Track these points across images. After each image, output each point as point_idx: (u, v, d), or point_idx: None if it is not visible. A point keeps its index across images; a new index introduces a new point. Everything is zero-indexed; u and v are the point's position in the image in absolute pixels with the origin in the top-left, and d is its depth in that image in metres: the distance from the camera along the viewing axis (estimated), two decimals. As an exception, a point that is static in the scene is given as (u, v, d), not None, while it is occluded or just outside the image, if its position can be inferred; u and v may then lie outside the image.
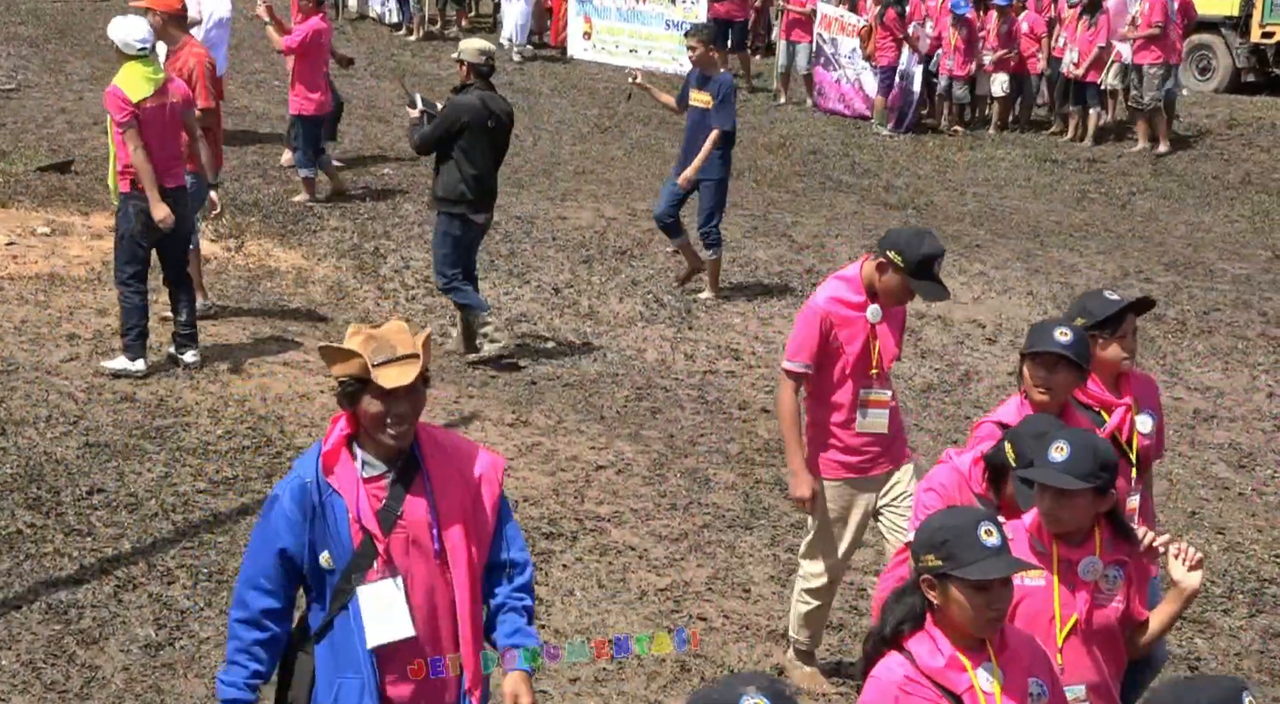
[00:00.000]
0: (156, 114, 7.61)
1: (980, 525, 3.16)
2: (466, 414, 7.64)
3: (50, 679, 5.01)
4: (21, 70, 16.69)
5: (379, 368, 3.30)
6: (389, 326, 3.42)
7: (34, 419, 7.10)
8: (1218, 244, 12.59)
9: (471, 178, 8.34)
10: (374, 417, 3.35)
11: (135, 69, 7.61)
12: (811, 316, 5.07)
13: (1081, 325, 4.47)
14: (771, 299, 10.26)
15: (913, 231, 5.18)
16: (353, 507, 3.39)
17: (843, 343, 5.07)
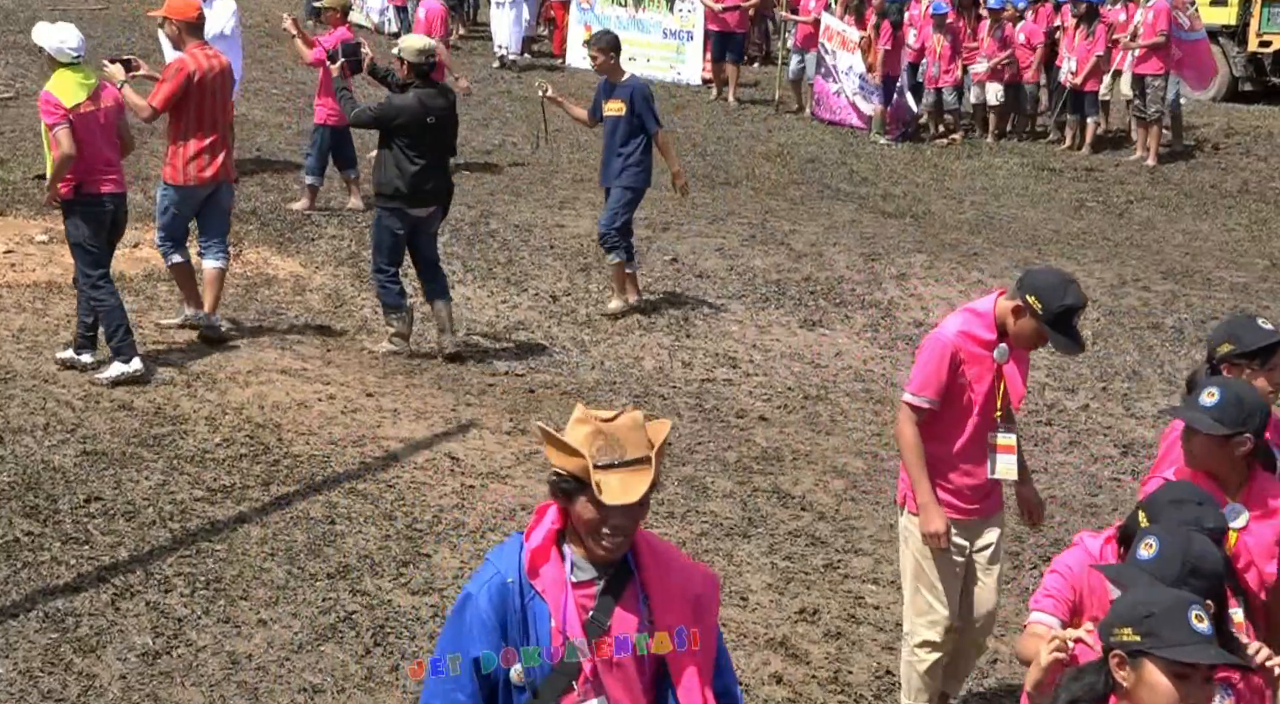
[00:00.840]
0: (90, 120, 7.64)
1: (1191, 608, 2.91)
2: (464, 422, 7.64)
3: (47, 687, 5.01)
4: (20, 78, 16.70)
5: (602, 472, 2.88)
6: (623, 421, 2.96)
7: (31, 427, 7.10)
8: (1215, 253, 12.61)
9: (411, 174, 8.43)
10: (588, 523, 2.95)
11: (67, 76, 7.64)
12: (941, 349, 4.79)
13: (1227, 352, 4.34)
14: (769, 307, 10.26)
15: (1057, 278, 4.72)
16: (557, 614, 2.98)
17: (970, 381, 4.80)
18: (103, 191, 7.71)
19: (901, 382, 9.08)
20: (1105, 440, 8.32)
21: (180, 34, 8.42)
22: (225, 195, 8.56)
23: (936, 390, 4.79)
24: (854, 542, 6.63)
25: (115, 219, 7.86)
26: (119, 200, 7.86)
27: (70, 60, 7.68)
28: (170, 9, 8.43)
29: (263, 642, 5.39)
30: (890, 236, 12.31)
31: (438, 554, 6.15)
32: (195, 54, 8.34)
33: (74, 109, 7.57)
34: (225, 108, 8.53)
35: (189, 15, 8.43)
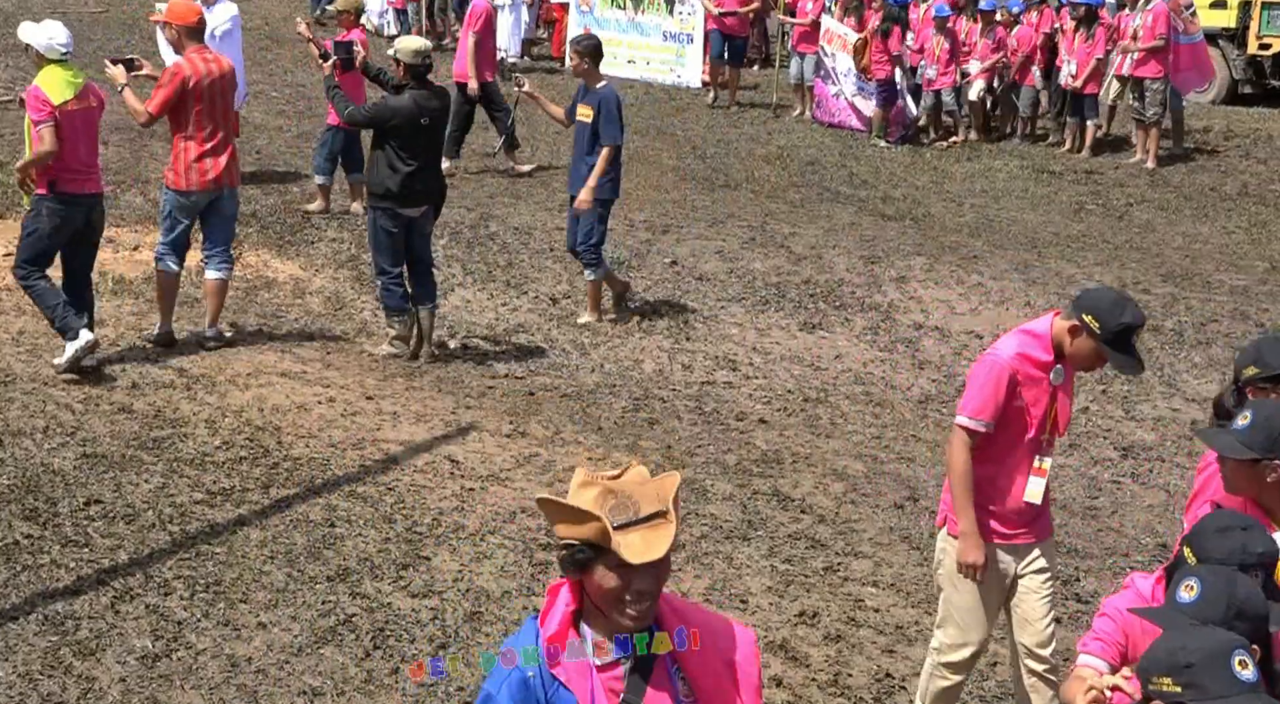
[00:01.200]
0: (76, 118, 7.64)
1: (1234, 655, 2.76)
2: (464, 425, 7.64)
3: (47, 691, 5.00)
4: (20, 82, 16.68)
5: (620, 532, 2.68)
6: (629, 476, 2.79)
7: (31, 430, 7.10)
8: (1215, 255, 12.61)
9: (405, 175, 8.46)
10: (609, 593, 2.73)
11: (56, 72, 7.63)
12: (999, 372, 4.69)
13: (1252, 375, 4.28)
14: (769, 310, 10.27)
15: (1114, 297, 4.64)
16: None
17: (1026, 404, 4.71)
18: (78, 191, 7.70)
19: (901, 384, 9.11)
20: (1105, 443, 8.32)
21: (180, 38, 8.39)
22: (229, 202, 8.53)
23: (993, 414, 4.70)
24: (854, 544, 6.62)
25: (89, 220, 7.84)
26: (94, 201, 7.85)
27: (59, 57, 7.68)
28: (171, 13, 8.42)
29: (262, 644, 5.38)
30: (890, 239, 12.31)
31: (437, 557, 6.15)
32: (193, 58, 8.31)
33: (61, 106, 7.56)
34: (227, 112, 8.51)
35: (189, 20, 8.40)
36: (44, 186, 7.66)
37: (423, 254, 8.79)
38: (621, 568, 2.70)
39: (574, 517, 2.72)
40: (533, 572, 6.08)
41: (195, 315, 8.91)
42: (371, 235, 8.72)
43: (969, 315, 10.41)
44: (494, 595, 5.86)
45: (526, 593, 5.89)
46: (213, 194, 8.35)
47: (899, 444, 8.05)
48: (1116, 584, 6.42)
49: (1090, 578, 6.50)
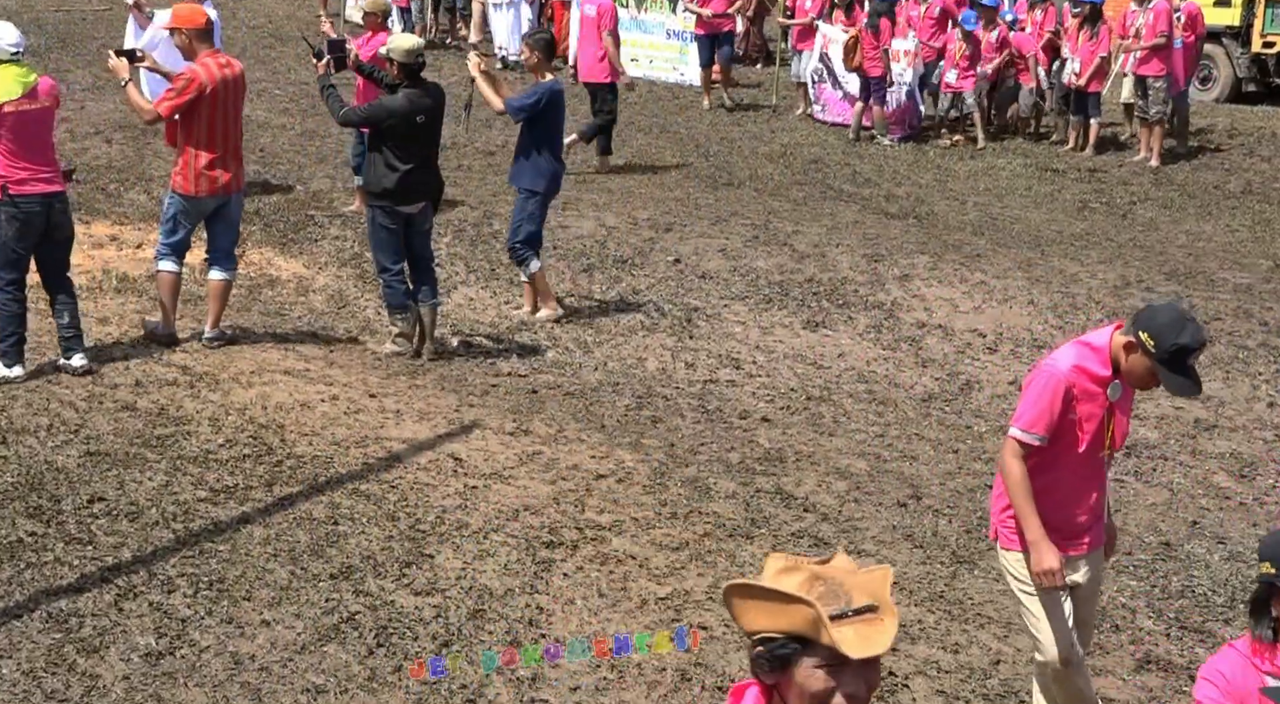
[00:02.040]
0: (26, 117, 7.54)
1: None
2: (468, 423, 7.64)
3: (51, 688, 5.01)
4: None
5: (835, 623, 2.36)
6: (836, 564, 2.48)
7: (35, 428, 7.11)
8: (1219, 253, 12.60)
9: (403, 173, 8.47)
10: (814, 696, 2.39)
11: (7, 71, 7.55)
12: (1055, 384, 4.58)
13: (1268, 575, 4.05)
14: (772, 308, 10.26)
15: (1173, 316, 4.49)
16: None
17: (1081, 418, 4.61)
18: (33, 192, 7.58)
19: (904, 382, 9.11)
20: (1108, 441, 8.31)
21: (190, 43, 8.29)
22: (235, 207, 8.51)
23: (1047, 426, 4.61)
24: (857, 543, 6.62)
25: (51, 219, 7.70)
26: (52, 200, 7.70)
27: (10, 57, 7.58)
28: (178, 18, 8.34)
29: (266, 642, 5.39)
30: (893, 237, 12.30)
31: (441, 555, 6.16)
32: (207, 63, 8.24)
33: (10, 103, 7.46)
34: (238, 117, 8.46)
35: (197, 23, 8.32)
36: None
37: (423, 251, 8.79)
38: (832, 666, 2.37)
39: (779, 603, 2.40)
40: (535, 570, 6.08)
41: (199, 313, 8.91)
42: (371, 234, 8.73)
43: (972, 313, 10.41)
44: (497, 593, 5.86)
45: (529, 591, 5.90)
46: (220, 199, 8.32)
47: (902, 442, 8.05)
48: (1119, 582, 6.43)
49: (1093, 576, 6.49)
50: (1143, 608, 6.23)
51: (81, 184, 12.14)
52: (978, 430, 8.36)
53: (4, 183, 7.51)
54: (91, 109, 15.27)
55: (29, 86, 7.58)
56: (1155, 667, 5.74)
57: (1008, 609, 6.10)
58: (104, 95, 16.03)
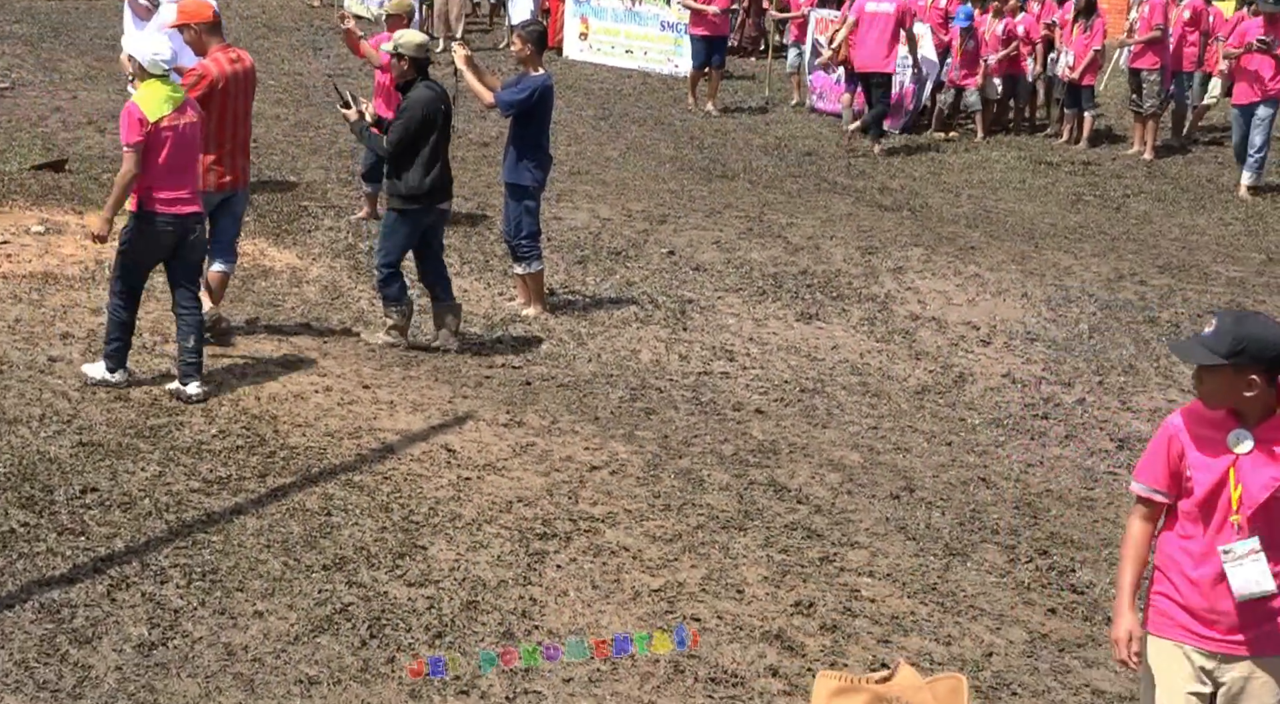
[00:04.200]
0: (171, 135, 7.31)
1: None
2: (461, 414, 7.64)
3: (43, 678, 5.01)
4: (16, 69, 16.67)
5: None
6: (900, 680, 2.27)
7: (27, 418, 7.09)
8: (1212, 247, 12.61)
9: (436, 172, 8.48)
10: None
11: (156, 88, 7.32)
12: (1162, 430, 4.10)
13: None
14: (766, 301, 10.26)
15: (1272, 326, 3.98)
16: None
17: (1192, 472, 4.01)
18: (169, 212, 7.33)
19: (898, 375, 9.12)
20: (1101, 434, 8.33)
21: (200, 37, 8.16)
22: (239, 201, 8.43)
23: (1155, 478, 4.10)
24: (850, 535, 6.63)
25: (184, 241, 7.42)
26: (189, 221, 7.43)
27: (161, 72, 7.32)
28: (185, 14, 8.20)
29: (259, 633, 5.39)
30: (887, 230, 12.31)
31: (434, 546, 6.16)
32: (219, 58, 8.12)
33: (156, 124, 7.23)
34: (248, 112, 8.37)
35: (206, 17, 8.18)
36: (135, 205, 7.31)
37: (440, 249, 8.80)
38: None
39: None
40: (529, 561, 6.08)
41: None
42: (389, 233, 8.58)
43: (966, 306, 10.42)
44: (490, 585, 5.86)
45: (523, 582, 5.90)
46: (226, 194, 8.24)
47: (895, 435, 8.06)
48: (1112, 574, 6.43)
49: (1086, 569, 6.51)
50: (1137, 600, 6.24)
51: (74, 174, 12.12)
52: (971, 423, 8.37)
53: (141, 197, 7.28)
54: (84, 98, 15.24)
55: (178, 103, 7.37)
56: (1147, 659, 5.75)
57: (1000, 601, 6.11)
58: (97, 85, 15.99)
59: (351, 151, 13.49)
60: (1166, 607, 4.13)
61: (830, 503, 6.97)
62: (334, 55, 18.39)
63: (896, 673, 2.28)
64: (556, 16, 21.17)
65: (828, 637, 5.71)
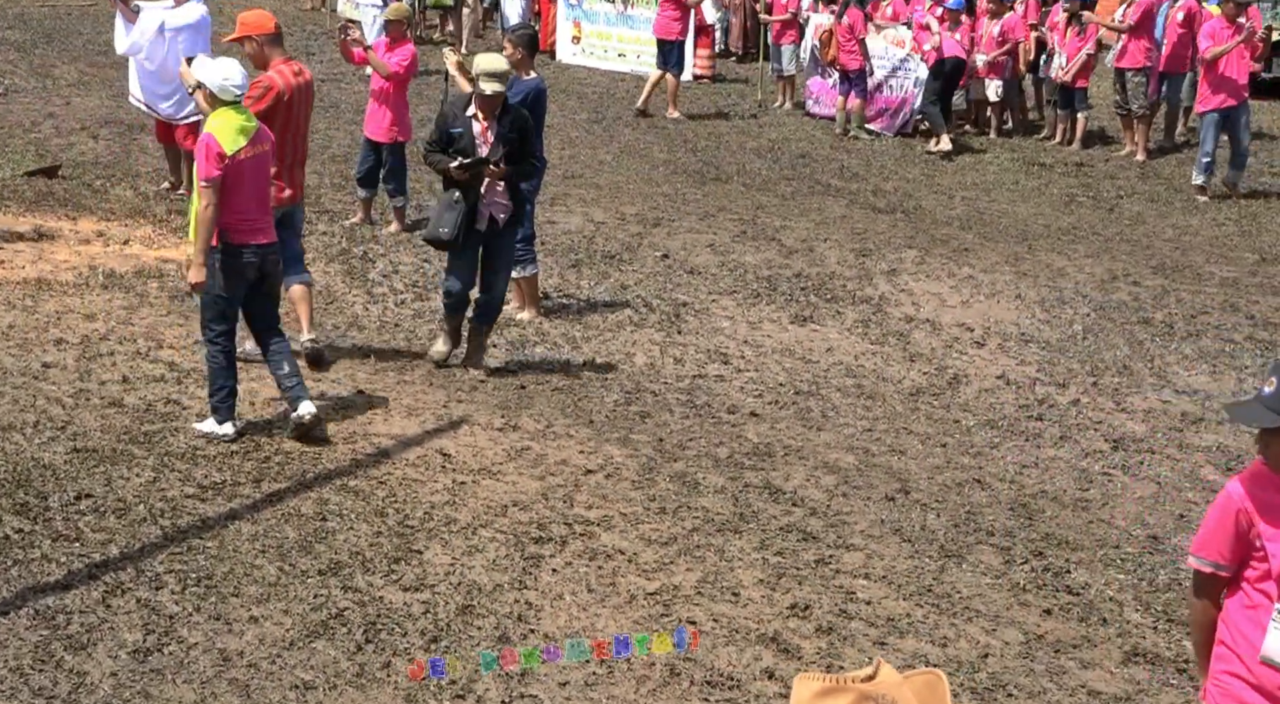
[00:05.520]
0: (247, 166, 7.02)
1: None
2: (456, 418, 7.63)
3: (38, 685, 5.00)
4: (8, 75, 16.65)
5: None
6: (883, 678, 2.20)
7: (21, 424, 7.08)
8: (1205, 247, 12.63)
9: None
10: None
11: (230, 117, 7.03)
12: (1223, 501, 3.79)
13: None
14: (760, 303, 10.27)
15: None
16: None
17: (1266, 543, 3.70)
18: (247, 243, 7.05)
19: (892, 376, 9.12)
20: (1096, 435, 8.33)
21: (261, 50, 7.93)
22: (298, 215, 8.30)
23: (1218, 551, 3.79)
24: (845, 537, 6.63)
25: (263, 270, 7.16)
26: (266, 252, 7.16)
27: (234, 98, 7.07)
28: (245, 26, 8.00)
29: (254, 639, 5.38)
30: (881, 232, 12.32)
31: (429, 551, 6.15)
32: (283, 71, 7.93)
33: (234, 157, 6.94)
34: (307, 125, 8.23)
35: (268, 28, 7.99)
36: (215, 238, 7.00)
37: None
38: None
39: None
40: (524, 565, 6.08)
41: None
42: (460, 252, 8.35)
43: (960, 308, 10.43)
44: (486, 589, 5.86)
45: (518, 586, 5.90)
46: (286, 209, 8.00)
47: (890, 437, 8.06)
48: (1108, 576, 6.45)
49: (1082, 570, 6.52)
50: (1130, 601, 6.25)
51: (67, 180, 12.11)
52: (965, 424, 8.37)
53: (221, 229, 6.97)
54: (77, 105, 15.23)
55: (251, 133, 7.07)
56: (1143, 659, 5.76)
57: (996, 603, 6.12)
58: (89, 91, 15.98)
59: (344, 156, 13.49)
60: (1236, 688, 3.78)
61: (825, 505, 6.97)
62: (326, 60, 18.38)
63: (879, 671, 2.21)
64: (549, 20, 21.18)
65: (823, 639, 5.71)
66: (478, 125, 8.17)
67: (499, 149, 8.16)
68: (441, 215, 8.21)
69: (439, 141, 8.22)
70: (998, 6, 16.84)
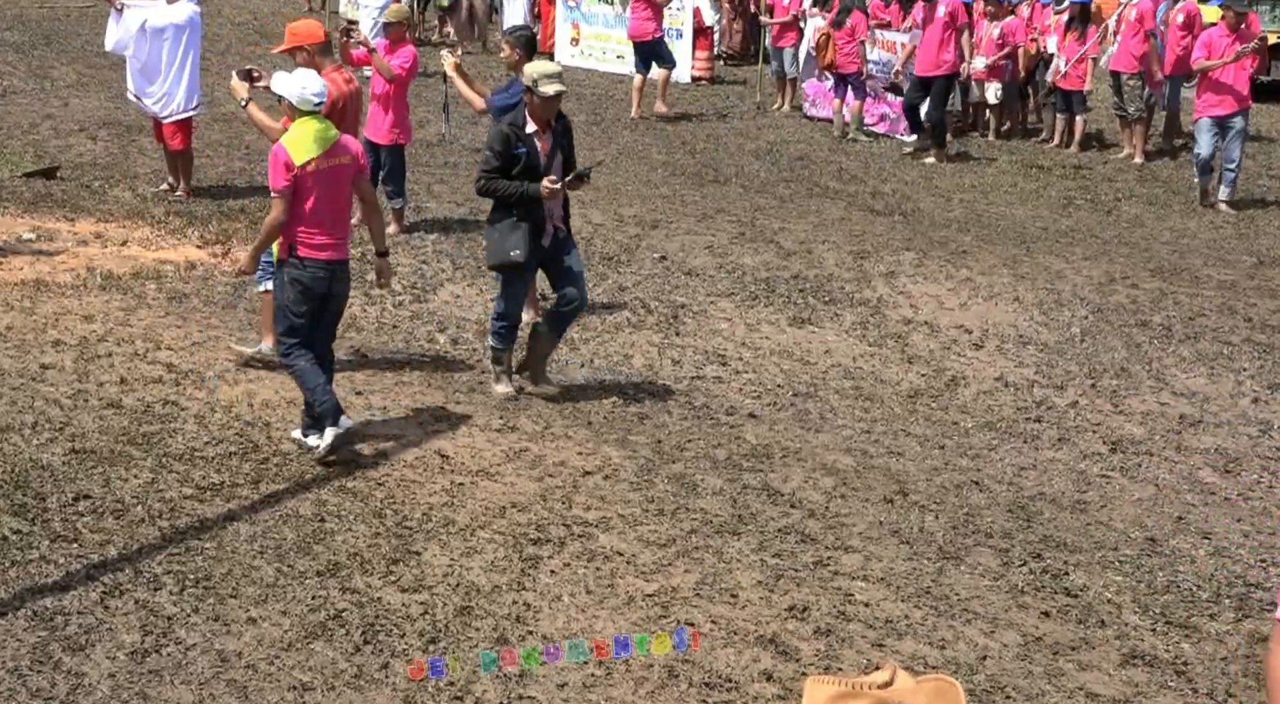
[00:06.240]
0: (322, 177, 6.87)
1: None
2: (454, 419, 7.63)
3: (36, 686, 5.00)
4: (7, 76, 16.65)
5: None
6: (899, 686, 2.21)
7: (19, 425, 7.08)
8: (1203, 250, 12.64)
9: None
10: None
11: (308, 126, 6.90)
12: None
13: None
14: (758, 305, 10.27)
15: None
16: None
17: None
18: (321, 258, 6.90)
19: (890, 378, 9.12)
20: (1094, 437, 8.34)
21: (313, 59, 7.89)
22: None
23: None
24: (843, 539, 6.63)
25: (331, 289, 7.02)
26: (338, 269, 7.00)
27: (311, 108, 6.93)
28: (297, 36, 7.96)
29: (252, 640, 5.38)
30: (879, 234, 12.32)
31: (427, 552, 6.15)
32: (335, 79, 7.87)
33: (303, 167, 6.80)
34: (355, 134, 8.19)
35: (318, 37, 7.96)
36: (285, 250, 6.89)
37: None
38: None
39: None
40: (522, 566, 6.08)
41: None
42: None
43: (958, 310, 10.43)
44: (484, 590, 5.86)
45: (517, 588, 5.90)
46: None
47: (888, 439, 8.06)
48: (1105, 577, 6.45)
49: (1080, 572, 6.52)
50: (1128, 603, 6.25)
51: (66, 181, 12.10)
52: (964, 426, 8.38)
53: (292, 242, 6.87)
54: (76, 106, 15.22)
55: (328, 143, 6.92)
56: (1141, 661, 5.76)
57: (994, 605, 6.12)
58: (88, 92, 15.98)
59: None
60: None
61: (824, 507, 6.98)
62: (325, 62, 18.36)
63: (895, 678, 2.24)
64: (548, 22, 21.19)
65: (822, 641, 5.71)
66: (539, 142, 7.89)
67: (557, 156, 7.97)
68: (506, 238, 7.82)
69: (502, 167, 7.79)
70: (996, 9, 16.84)
